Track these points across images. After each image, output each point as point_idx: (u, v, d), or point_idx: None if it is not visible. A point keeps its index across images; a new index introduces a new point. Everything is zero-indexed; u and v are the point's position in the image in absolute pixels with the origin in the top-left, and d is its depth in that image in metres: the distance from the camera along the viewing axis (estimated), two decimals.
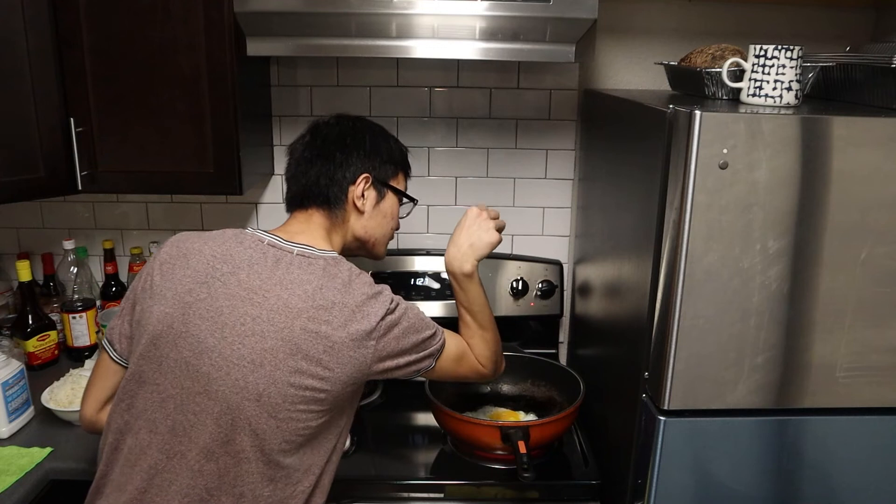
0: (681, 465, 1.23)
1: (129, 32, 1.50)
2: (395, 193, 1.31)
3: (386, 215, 1.30)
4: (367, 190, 1.25)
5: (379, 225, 1.29)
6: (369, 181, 1.25)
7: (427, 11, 1.43)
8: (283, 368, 1.06)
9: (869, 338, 1.18)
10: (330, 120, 1.30)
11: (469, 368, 1.30)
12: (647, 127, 1.28)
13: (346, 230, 1.26)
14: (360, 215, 1.26)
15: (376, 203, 1.27)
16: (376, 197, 1.27)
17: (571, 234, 1.96)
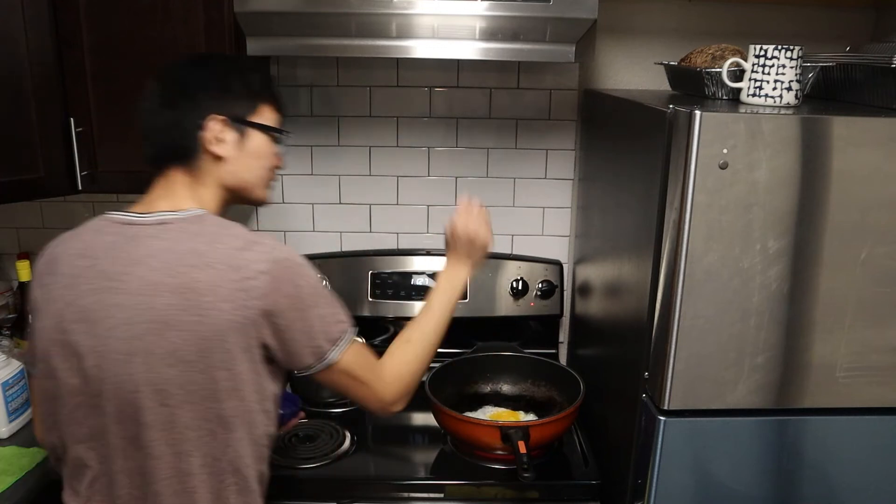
0: (681, 465, 1.23)
1: (129, 32, 1.50)
2: (260, 130, 1.16)
3: (255, 156, 1.16)
4: (223, 132, 1.12)
5: (248, 168, 1.16)
6: (222, 122, 1.11)
7: (427, 11, 1.43)
8: (158, 352, 1.01)
9: (869, 338, 1.18)
10: (174, 63, 1.17)
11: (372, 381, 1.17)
12: (647, 127, 1.28)
13: (213, 181, 1.14)
14: (222, 161, 1.13)
15: (238, 144, 1.14)
16: (237, 138, 1.13)
17: (571, 234, 1.96)
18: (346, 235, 1.97)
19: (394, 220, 1.95)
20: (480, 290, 1.88)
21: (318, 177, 1.92)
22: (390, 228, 1.96)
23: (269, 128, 1.18)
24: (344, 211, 1.95)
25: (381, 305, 1.88)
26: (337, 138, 1.89)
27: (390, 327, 1.93)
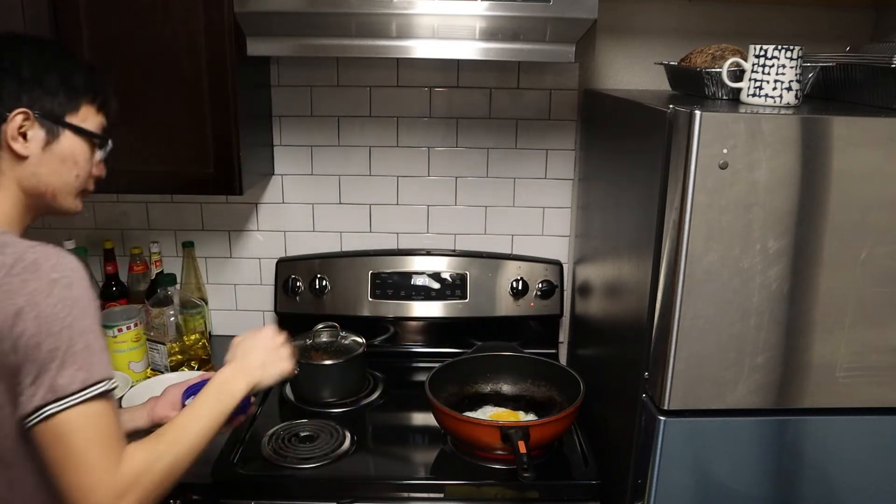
0: (681, 465, 1.23)
1: (129, 32, 1.50)
2: (75, 133, 1.04)
3: (65, 160, 1.03)
4: (30, 129, 0.99)
5: (55, 172, 1.02)
6: (29, 117, 0.98)
7: (427, 11, 1.43)
8: None
9: (869, 338, 1.18)
10: None
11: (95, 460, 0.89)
12: (647, 127, 1.28)
13: (10, 182, 1.00)
14: (23, 161, 0.99)
15: (46, 145, 1.01)
16: (45, 137, 1.00)
17: (571, 234, 1.96)
18: (346, 235, 1.97)
19: (394, 220, 1.95)
20: (480, 290, 1.88)
21: (318, 177, 1.92)
22: (390, 228, 1.96)
23: (85, 131, 1.05)
24: (344, 211, 1.95)
25: (381, 305, 1.88)
26: (337, 138, 1.89)
27: (390, 327, 1.93)
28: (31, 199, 1.03)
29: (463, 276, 1.88)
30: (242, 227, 1.97)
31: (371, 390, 1.78)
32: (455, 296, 1.88)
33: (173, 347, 1.73)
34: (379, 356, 1.88)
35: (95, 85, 1.07)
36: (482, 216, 1.95)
